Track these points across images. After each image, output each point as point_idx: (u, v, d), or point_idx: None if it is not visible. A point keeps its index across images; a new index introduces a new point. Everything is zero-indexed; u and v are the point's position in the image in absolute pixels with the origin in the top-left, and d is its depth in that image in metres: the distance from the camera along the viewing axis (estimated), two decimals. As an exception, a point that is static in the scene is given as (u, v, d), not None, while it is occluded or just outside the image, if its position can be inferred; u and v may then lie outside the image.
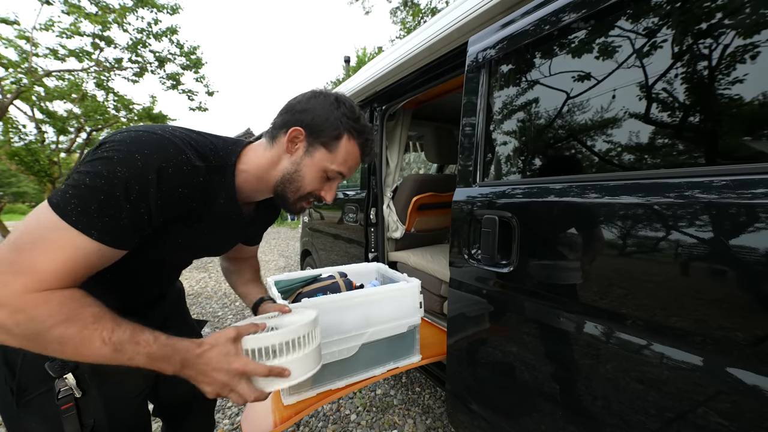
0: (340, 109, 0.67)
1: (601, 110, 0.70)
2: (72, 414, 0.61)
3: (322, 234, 2.64)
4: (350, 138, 0.69)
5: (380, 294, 1.11)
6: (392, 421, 1.63)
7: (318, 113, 0.66)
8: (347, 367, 1.09)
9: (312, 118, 0.66)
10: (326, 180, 0.71)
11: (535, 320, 0.81)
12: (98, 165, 0.48)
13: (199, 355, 0.57)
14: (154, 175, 0.51)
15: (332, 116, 0.66)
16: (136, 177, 0.49)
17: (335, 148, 0.68)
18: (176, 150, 0.54)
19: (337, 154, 0.68)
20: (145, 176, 0.50)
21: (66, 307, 0.47)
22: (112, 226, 0.49)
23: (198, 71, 7.44)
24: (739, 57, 0.52)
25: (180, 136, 0.56)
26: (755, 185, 0.49)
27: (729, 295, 0.51)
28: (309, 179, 0.69)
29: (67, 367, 0.61)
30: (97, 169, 0.48)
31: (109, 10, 5.93)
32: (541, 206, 0.78)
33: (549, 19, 0.78)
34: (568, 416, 0.74)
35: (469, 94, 1.02)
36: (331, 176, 0.71)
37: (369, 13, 10.23)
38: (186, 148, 0.56)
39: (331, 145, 0.67)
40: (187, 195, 0.57)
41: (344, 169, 0.70)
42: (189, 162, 0.56)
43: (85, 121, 6.48)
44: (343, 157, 0.69)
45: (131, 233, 0.52)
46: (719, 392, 0.52)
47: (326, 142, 0.67)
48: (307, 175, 0.68)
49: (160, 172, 0.51)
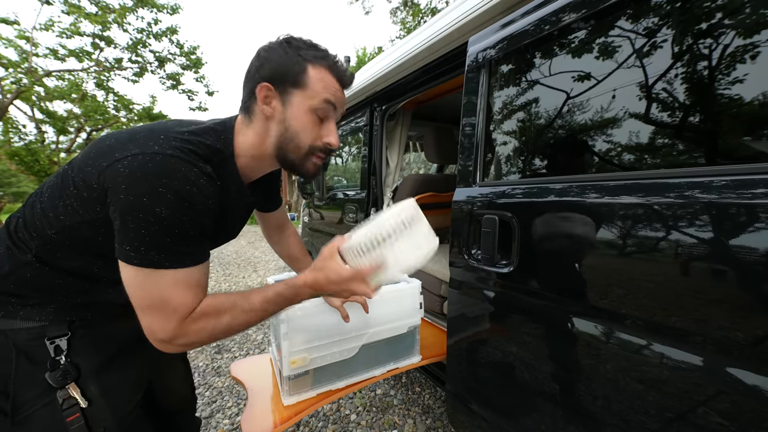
0: (292, 45, 0.63)
1: (601, 110, 0.70)
2: (80, 425, 0.60)
3: (322, 234, 2.64)
4: (316, 65, 0.63)
5: (380, 295, 1.11)
6: (392, 421, 1.63)
7: (273, 61, 0.62)
8: (347, 367, 1.09)
9: (270, 69, 0.62)
10: (320, 122, 0.67)
11: (535, 320, 0.81)
12: (138, 213, 0.51)
13: (313, 283, 0.64)
14: (186, 199, 0.54)
15: (287, 55, 0.62)
16: (175, 208, 0.53)
17: (306, 82, 0.63)
18: (186, 166, 0.55)
19: (312, 86, 0.63)
20: (182, 204, 0.54)
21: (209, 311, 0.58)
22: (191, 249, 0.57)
23: (198, 71, 7.45)
24: (739, 57, 0.52)
25: (179, 147, 0.56)
26: (755, 185, 0.49)
27: (729, 295, 0.51)
28: (302, 129, 0.65)
29: (69, 377, 0.60)
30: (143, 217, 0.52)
31: (109, 10, 5.93)
32: (541, 206, 0.78)
33: (549, 19, 0.78)
34: (568, 416, 0.74)
35: (469, 94, 1.02)
36: (321, 114, 0.66)
37: (369, 13, 10.23)
38: (191, 158, 0.57)
39: (302, 82, 0.63)
40: (214, 201, 0.60)
41: (329, 97, 0.65)
42: (203, 172, 0.57)
43: (85, 121, 6.49)
44: (320, 86, 0.64)
45: (203, 244, 0.60)
46: (719, 392, 0.52)
47: (296, 82, 0.62)
48: (298, 127, 0.64)
49: (189, 196, 0.55)
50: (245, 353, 2.32)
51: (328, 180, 2.74)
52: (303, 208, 3.13)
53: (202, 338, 0.58)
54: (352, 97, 2.04)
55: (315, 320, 1.01)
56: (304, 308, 0.99)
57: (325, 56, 0.65)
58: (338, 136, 0.70)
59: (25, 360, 0.58)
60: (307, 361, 1.00)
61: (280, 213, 1.02)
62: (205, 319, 0.58)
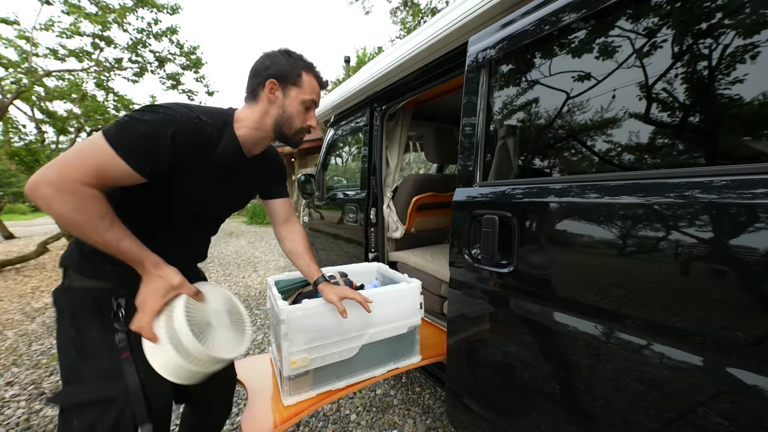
0: (292, 56, 0.90)
1: (601, 110, 0.70)
2: (130, 360, 0.75)
3: (322, 234, 2.64)
4: (307, 73, 0.90)
5: (380, 295, 1.11)
6: (392, 421, 1.63)
7: (280, 64, 0.87)
8: (347, 367, 1.09)
9: (277, 70, 0.87)
10: (306, 111, 0.92)
11: (535, 320, 0.81)
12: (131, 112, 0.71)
13: (150, 274, 0.72)
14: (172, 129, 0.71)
15: (289, 62, 0.88)
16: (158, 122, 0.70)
17: (301, 83, 0.89)
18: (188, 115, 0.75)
19: (305, 87, 0.90)
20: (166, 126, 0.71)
21: (86, 201, 0.63)
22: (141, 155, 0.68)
23: (198, 71, 7.43)
24: (739, 57, 0.52)
25: (189, 106, 0.78)
26: (755, 185, 0.49)
27: (729, 295, 0.51)
28: (295, 114, 0.90)
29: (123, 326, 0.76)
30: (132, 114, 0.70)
31: (109, 10, 5.92)
32: (541, 206, 0.78)
33: (549, 19, 0.78)
34: (568, 416, 0.74)
35: (469, 94, 1.02)
36: (307, 106, 0.92)
37: (369, 13, 10.22)
38: (196, 110, 0.78)
39: (298, 83, 0.89)
40: (198, 141, 0.76)
41: (315, 96, 0.92)
42: (198, 118, 0.77)
43: (85, 121, 6.47)
44: (309, 87, 0.90)
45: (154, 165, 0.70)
46: (719, 392, 0.52)
47: (295, 82, 0.88)
48: (293, 112, 0.90)
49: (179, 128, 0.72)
50: (245, 353, 2.32)
51: (328, 180, 2.73)
52: (303, 208, 3.13)
53: (52, 206, 0.61)
54: (352, 97, 2.04)
55: (315, 320, 1.01)
56: (304, 308, 0.99)
57: (312, 66, 0.92)
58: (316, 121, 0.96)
59: (98, 311, 0.76)
60: (307, 361, 1.00)
61: (286, 205, 1.13)
62: (79, 200, 0.62)
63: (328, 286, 1.04)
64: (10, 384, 1.98)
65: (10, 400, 1.82)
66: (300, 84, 0.89)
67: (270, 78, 0.86)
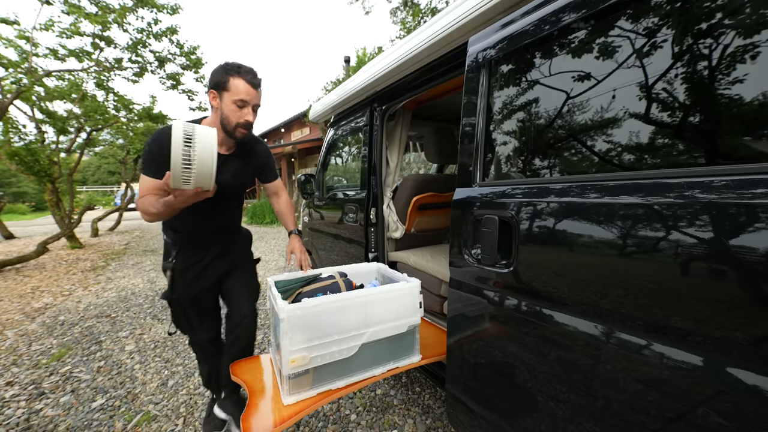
0: (222, 66, 1.16)
1: (601, 110, 0.70)
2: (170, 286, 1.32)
3: (322, 234, 2.64)
4: (235, 77, 1.14)
5: (380, 294, 1.11)
6: (392, 421, 1.63)
7: (214, 76, 1.16)
8: (347, 367, 1.09)
9: (214, 81, 1.16)
10: (239, 109, 1.16)
11: (535, 320, 0.81)
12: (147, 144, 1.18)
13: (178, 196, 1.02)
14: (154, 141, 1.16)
15: (221, 73, 1.15)
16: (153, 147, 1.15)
17: (230, 87, 1.14)
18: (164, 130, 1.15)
19: (233, 89, 1.14)
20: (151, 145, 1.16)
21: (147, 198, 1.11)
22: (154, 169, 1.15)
23: (198, 71, 7.43)
24: (739, 57, 0.52)
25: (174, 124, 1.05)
26: (755, 185, 0.49)
27: (729, 295, 0.51)
28: (230, 113, 1.16)
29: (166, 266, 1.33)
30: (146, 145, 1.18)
31: (109, 10, 5.91)
32: (542, 206, 0.78)
33: (549, 19, 0.78)
34: (568, 416, 0.74)
35: (469, 94, 1.02)
36: (239, 105, 1.16)
37: (369, 13, 10.22)
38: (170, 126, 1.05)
39: (227, 87, 1.14)
40: None
41: (242, 96, 1.15)
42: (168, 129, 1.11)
43: (85, 121, 6.47)
44: (236, 89, 1.14)
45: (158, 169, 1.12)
46: (719, 392, 0.52)
47: (225, 87, 1.14)
48: (228, 112, 1.16)
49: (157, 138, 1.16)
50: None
51: (328, 180, 2.73)
52: (303, 208, 3.13)
53: (141, 208, 1.12)
54: (352, 97, 2.04)
55: (315, 319, 1.01)
56: (304, 307, 1.00)
57: (237, 70, 1.15)
58: (253, 115, 1.20)
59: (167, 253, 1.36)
60: (307, 360, 1.00)
61: (275, 184, 1.54)
62: (140, 200, 1.13)
63: (293, 238, 1.45)
64: (10, 384, 1.98)
65: (10, 400, 1.82)
66: (229, 88, 1.14)
67: (210, 89, 1.17)
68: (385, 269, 1.43)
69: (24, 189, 23.13)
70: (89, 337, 2.61)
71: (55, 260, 5.45)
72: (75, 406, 1.77)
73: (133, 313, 3.10)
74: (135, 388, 1.93)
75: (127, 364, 2.20)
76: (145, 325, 2.84)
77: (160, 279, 4.28)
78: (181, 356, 2.29)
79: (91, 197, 9.80)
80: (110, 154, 9.99)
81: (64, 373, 2.09)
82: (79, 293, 3.76)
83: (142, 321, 2.92)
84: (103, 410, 1.73)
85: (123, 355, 2.32)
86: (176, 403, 1.79)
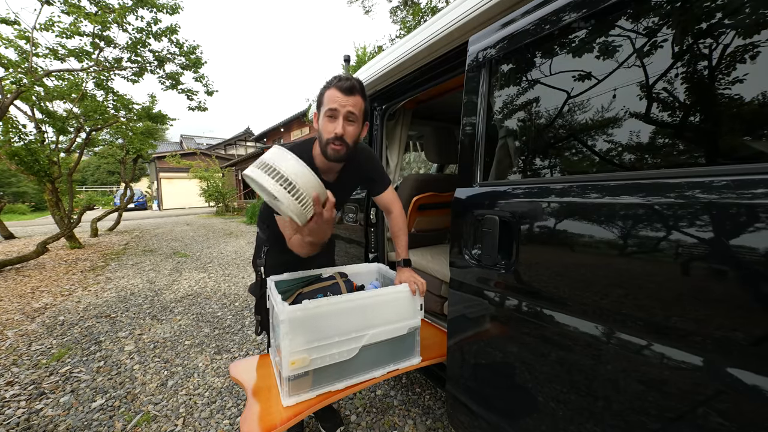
0: (327, 83, 1.07)
1: (601, 110, 0.70)
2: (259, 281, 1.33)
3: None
4: (328, 89, 1.05)
5: (380, 296, 1.11)
6: (392, 422, 1.63)
7: (317, 96, 1.10)
8: (347, 368, 1.09)
9: (317, 102, 1.10)
10: (331, 121, 1.04)
11: (535, 321, 0.81)
12: None
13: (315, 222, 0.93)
14: None
15: (321, 90, 1.08)
16: None
17: (324, 100, 1.05)
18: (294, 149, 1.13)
19: (325, 102, 1.05)
20: None
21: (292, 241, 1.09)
22: None
23: (198, 71, 7.42)
24: (739, 57, 0.52)
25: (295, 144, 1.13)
26: (755, 185, 0.49)
27: (729, 295, 0.51)
28: (323, 128, 1.06)
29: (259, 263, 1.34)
30: None
31: (109, 9, 5.91)
32: (542, 206, 0.78)
33: (549, 18, 0.78)
34: (568, 417, 0.74)
35: (469, 94, 1.02)
36: (329, 116, 1.04)
37: (369, 13, 10.21)
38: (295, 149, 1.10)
39: (322, 101, 1.06)
40: None
41: (332, 104, 1.03)
42: None
43: (85, 120, 6.47)
44: (327, 99, 1.04)
45: None
46: (719, 392, 0.52)
47: (321, 102, 1.07)
48: (322, 127, 1.07)
49: None
50: (245, 353, 2.32)
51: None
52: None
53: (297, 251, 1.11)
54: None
55: (315, 321, 1.01)
56: (304, 309, 0.99)
57: (332, 82, 1.04)
58: (346, 125, 1.04)
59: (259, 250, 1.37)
60: (307, 361, 1.00)
61: (385, 196, 1.34)
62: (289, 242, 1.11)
63: (400, 270, 1.26)
64: (10, 384, 1.98)
65: (11, 400, 1.82)
66: (323, 102, 1.05)
67: (314, 112, 1.12)
68: (386, 270, 1.43)
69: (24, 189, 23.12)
70: (89, 338, 2.61)
71: (54, 260, 5.45)
72: (75, 406, 1.77)
73: (133, 314, 3.10)
74: (134, 388, 1.93)
75: (126, 364, 2.20)
76: (144, 325, 2.84)
77: (159, 279, 4.28)
78: (181, 356, 2.29)
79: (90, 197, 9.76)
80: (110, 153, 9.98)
81: (63, 373, 2.09)
82: (79, 293, 3.76)
83: (142, 321, 2.92)
84: (102, 410, 1.73)
85: (122, 355, 2.32)
86: (176, 403, 1.79)
